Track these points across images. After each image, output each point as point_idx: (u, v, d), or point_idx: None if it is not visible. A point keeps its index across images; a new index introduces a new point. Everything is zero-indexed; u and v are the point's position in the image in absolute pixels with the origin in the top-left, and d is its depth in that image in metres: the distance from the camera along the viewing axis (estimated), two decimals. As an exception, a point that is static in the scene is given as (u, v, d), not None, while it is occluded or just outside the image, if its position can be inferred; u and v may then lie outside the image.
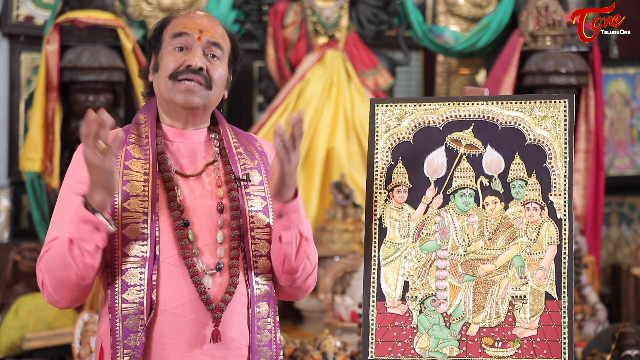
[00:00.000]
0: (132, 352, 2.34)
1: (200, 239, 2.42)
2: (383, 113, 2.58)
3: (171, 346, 2.37)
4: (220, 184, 2.49)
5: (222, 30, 2.54)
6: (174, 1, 7.24)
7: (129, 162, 2.44)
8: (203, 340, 2.38)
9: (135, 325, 2.35)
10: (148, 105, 2.57)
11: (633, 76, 7.59)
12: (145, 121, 2.52)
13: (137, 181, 2.41)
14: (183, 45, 2.48)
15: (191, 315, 2.38)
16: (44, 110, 6.43)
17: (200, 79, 2.46)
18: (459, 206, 2.51)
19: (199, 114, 2.52)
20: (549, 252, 2.45)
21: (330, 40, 7.08)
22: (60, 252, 2.32)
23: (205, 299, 2.38)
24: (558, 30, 6.50)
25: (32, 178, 6.56)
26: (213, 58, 2.49)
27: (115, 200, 2.39)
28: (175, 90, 2.46)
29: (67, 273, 2.33)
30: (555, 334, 2.42)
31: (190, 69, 2.45)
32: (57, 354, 5.68)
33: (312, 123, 6.85)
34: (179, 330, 2.38)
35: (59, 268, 2.33)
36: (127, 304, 2.36)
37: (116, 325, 2.36)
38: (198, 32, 2.48)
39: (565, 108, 2.51)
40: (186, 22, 2.50)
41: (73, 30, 6.53)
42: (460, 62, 7.61)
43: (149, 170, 2.43)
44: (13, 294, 6.32)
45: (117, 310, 2.36)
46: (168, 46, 2.49)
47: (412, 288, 2.50)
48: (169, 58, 2.48)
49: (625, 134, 7.58)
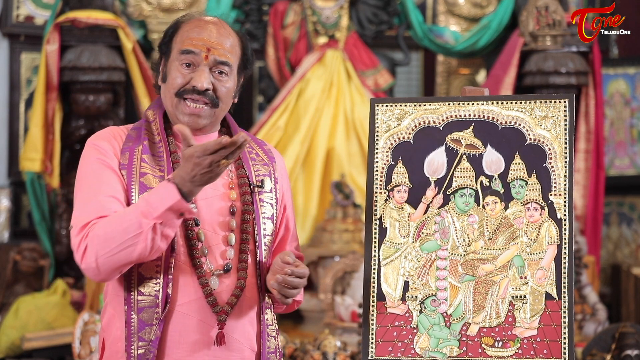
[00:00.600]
0: (147, 346, 2.35)
1: (209, 239, 2.43)
2: (383, 113, 2.58)
3: (175, 343, 2.38)
4: (232, 186, 2.50)
5: (231, 41, 2.51)
6: (174, 1, 7.24)
7: (146, 155, 2.45)
8: (207, 341, 2.39)
9: (150, 318, 2.36)
10: (157, 104, 2.57)
11: (633, 76, 7.58)
12: (154, 119, 2.53)
13: (153, 176, 2.43)
14: (190, 62, 2.47)
15: (197, 315, 2.38)
16: (44, 110, 6.43)
17: (206, 99, 2.46)
18: (459, 206, 2.51)
19: (205, 129, 2.53)
20: (549, 252, 2.45)
21: (330, 40, 7.08)
22: (128, 230, 2.29)
23: (211, 301, 2.39)
24: (558, 30, 6.50)
25: (32, 178, 6.56)
26: (220, 74, 2.48)
27: (132, 193, 2.40)
28: (180, 111, 2.47)
29: (130, 251, 2.30)
30: (556, 334, 2.42)
31: (196, 90, 2.45)
32: (57, 354, 5.68)
33: (312, 123, 6.85)
34: (185, 329, 2.39)
35: (121, 244, 2.30)
36: (143, 296, 2.37)
37: (131, 317, 2.37)
38: (205, 50, 2.46)
39: (565, 108, 2.51)
40: (194, 37, 2.47)
41: (73, 30, 6.53)
42: (460, 62, 7.61)
43: (164, 167, 2.44)
44: (13, 294, 6.33)
45: (133, 302, 2.37)
46: (175, 60, 2.48)
47: (412, 288, 2.50)
48: (176, 73, 2.47)
49: (625, 134, 7.58)
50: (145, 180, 2.42)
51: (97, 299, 5.70)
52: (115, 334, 2.42)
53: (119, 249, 2.31)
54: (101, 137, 2.49)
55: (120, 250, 2.31)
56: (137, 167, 2.43)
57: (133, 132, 2.50)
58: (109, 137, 2.48)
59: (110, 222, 2.32)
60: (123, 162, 2.42)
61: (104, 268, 2.33)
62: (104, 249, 2.31)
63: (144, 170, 2.43)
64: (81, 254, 2.34)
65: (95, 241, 2.32)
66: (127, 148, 2.45)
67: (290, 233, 2.62)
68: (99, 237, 2.32)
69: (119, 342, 2.40)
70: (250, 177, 2.51)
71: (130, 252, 2.30)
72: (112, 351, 2.42)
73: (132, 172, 2.42)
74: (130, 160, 2.43)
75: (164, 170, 2.44)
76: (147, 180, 2.42)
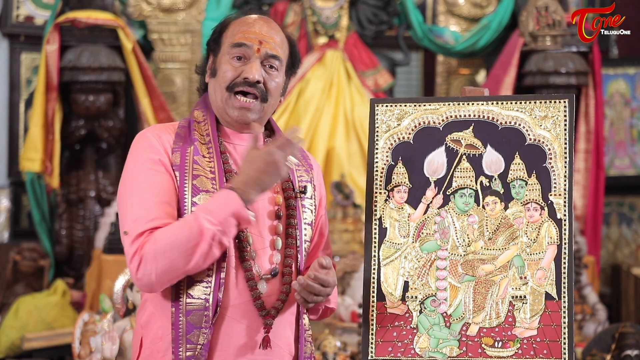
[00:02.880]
0: (196, 349, 2.33)
1: (257, 243, 2.43)
2: (383, 113, 2.58)
3: (221, 347, 2.37)
4: (278, 190, 2.49)
5: (281, 37, 2.52)
6: (174, 1, 7.24)
7: (197, 157, 2.44)
8: (252, 345, 2.39)
9: (199, 321, 2.35)
10: (204, 103, 2.55)
11: (633, 76, 7.59)
12: (204, 119, 2.51)
13: (205, 177, 2.42)
14: (242, 55, 2.46)
15: (243, 319, 2.38)
16: (44, 110, 6.43)
17: (257, 92, 2.45)
18: (459, 206, 2.51)
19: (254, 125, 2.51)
20: (549, 252, 2.45)
21: (330, 40, 7.09)
22: (189, 238, 2.28)
23: (259, 304, 2.38)
24: (558, 30, 6.50)
25: (32, 178, 6.56)
26: (271, 69, 2.48)
27: (185, 194, 2.39)
28: (230, 105, 2.47)
29: (188, 260, 2.29)
30: (555, 334, 2.42)
31: (247, 82, 2.45)
32: (57, 354, 5.69)
33: (312, 123, 6.85)
34: (232, 333, 2.38)
35: (181, 254, 2.29)
36: (192, 299, 2.35)
37: (180, 319, 2.35)
38: (258, 43, 2.46)
39: (565, 108, 2.51)
40: (246, 30, 2.48)
41: (73, 30, 6.54)
42: (460, 62, 7.61)
43: (214, 168, 2.43)
44: (13, 294, 6.33)
45: (182, 304, 2.35)
46: (226, 54, 2.48)
47: (412, 288, 2.50)
48: (227, 67, 2.47)
49: (625, 134, 7.58)
50: (198, 182, 2.41)
51: (97, 299, 5.70)
52: (156, 333, 2.40)
53: (178, 260, 2.29)
54: (151, 133, 2.46)
55: (178, 261, 2.29)
56: (190, 168, 2.41)
57: (181, 131, 2.48)
58: (158, 134, 2.45)
59: (170, 234, 2.30)
60: (175, 162, 2.40)
61: (159, 280, 2.32)
62: (162, 261, 2.29)
63: (197, 172, 2.41)
64: (136, 265, 2.31)
65: (152, 254, 2.30)
66: (177, 148, 2.43)
67: (324, 239, 2.62)
68: (156, 251, 2.29)
69: (160, 341, 2.39)
70: (294, 182, 2.52)
71: (187, 261, 2.29)
72: (153, 350, 2.40)
73: (184, 174, 2.40)
74: (182, 160, 2.41)
75: (215, 172, 2.42)
76: (201, 182, 2.41)
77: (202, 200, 2.38)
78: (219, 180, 2.42)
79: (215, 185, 2.41)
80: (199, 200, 2.38)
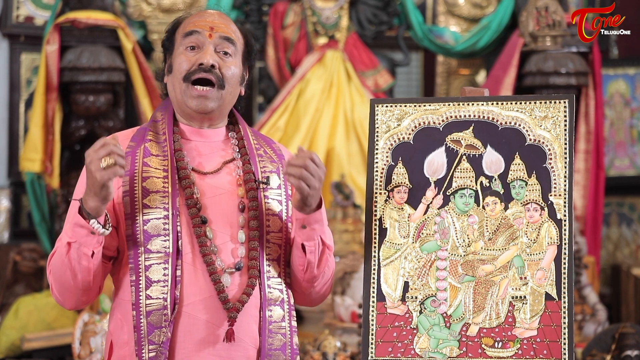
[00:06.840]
0: (157, 348, 2.35)
1: (219, 237, 2.43)
2: (383, 113, 2.58)
3: (182, 343, 2.38)
4: (240, 183, 2.49)
5: (234, 26, 2.55)
6: (174, 1, 7.24)
7: (147, 159, 2.45)
8: (214, 340, 2.39)
9: (159, 321, 2.36)
10: (165, 104, 2.57)
11: (633, 76, 7.59)
12: (162, 119, 2.53)
13: (156, 178, 2.42)
14: (195, 44, 2.49)
15: (204, 314, 2.38)
16: (44, 111, 6.43)
17: (213, 77, 2.46)
18: (459, 206, 2.51)
19: (214, 116, 2.52)
20: (549, 252, 2.45)
21: (330, 40, 7.08)
22: (60, 255, 2.36)
23: (223, 297, 2.38)
24: (558, 31, 6.50)
25: (32, 178, 6.56)
26: (225, 55, 2.49)
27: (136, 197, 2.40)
28: (188, 95, 2.47)
29: (67, 276, 2.37)
30: (555, 335, 2.42)
31: (202, 68, 2.46)
32: (57, 354, 5.68)
33: (312, 123, 6.85)
34: (192, 329, 2.38)
35: (60, 271, 2.37)
36: (151, 300, 2.37)
37: (140, 321, 2.36)
38: (209, 29, 2.49)
39: (565, 108, 2.51)
40: (197, 20, 2.51)
41: (73, 30, 6.53)
42: (460, 63, 7.61)
43: (167, 167, 2.44)
44: (13, 294, 6.33)
45: (142, 306, 2.37)
46: (180, 46, 2.50)
47: (412, 288, 2.50)
48: (181, 58, 2.49)
49: (625, 134, 7.58)
50: (148, 184, 2.42)
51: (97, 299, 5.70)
52: (122, 338, 2.42)
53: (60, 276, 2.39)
54: None
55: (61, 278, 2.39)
56: (140, 171, 2.43)
57: (138, 134, 2.51)
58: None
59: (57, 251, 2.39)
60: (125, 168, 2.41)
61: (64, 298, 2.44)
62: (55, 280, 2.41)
63: (146, 174, 2.43)
64: (50, 289, 2.46)
65: (51, 275, 2.42)
66: (129, 152, 2.45)
67: None
68: (52, 270, 2.42)
69: (126, 346, 2.41)
70: (257, 173, 2.50)
71: (67, 277, 2.37)
72: (120, 355, 2.42)
73: (134, 177, 2.42)
74: (132, 164, 2.43)
75: (168, 170, 2.43)
76: (151, 182, 2.42)
77: (152, 202, 2.40)
78: (171, 179, 2.42)
79: (167, 183, 2.42)
80: (149, 202, 2.40)
